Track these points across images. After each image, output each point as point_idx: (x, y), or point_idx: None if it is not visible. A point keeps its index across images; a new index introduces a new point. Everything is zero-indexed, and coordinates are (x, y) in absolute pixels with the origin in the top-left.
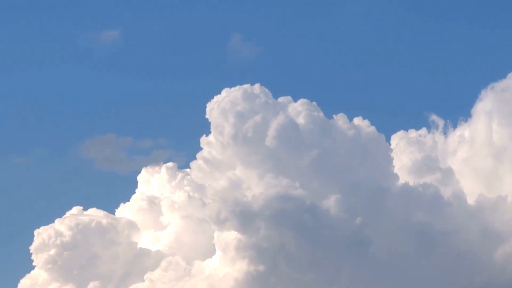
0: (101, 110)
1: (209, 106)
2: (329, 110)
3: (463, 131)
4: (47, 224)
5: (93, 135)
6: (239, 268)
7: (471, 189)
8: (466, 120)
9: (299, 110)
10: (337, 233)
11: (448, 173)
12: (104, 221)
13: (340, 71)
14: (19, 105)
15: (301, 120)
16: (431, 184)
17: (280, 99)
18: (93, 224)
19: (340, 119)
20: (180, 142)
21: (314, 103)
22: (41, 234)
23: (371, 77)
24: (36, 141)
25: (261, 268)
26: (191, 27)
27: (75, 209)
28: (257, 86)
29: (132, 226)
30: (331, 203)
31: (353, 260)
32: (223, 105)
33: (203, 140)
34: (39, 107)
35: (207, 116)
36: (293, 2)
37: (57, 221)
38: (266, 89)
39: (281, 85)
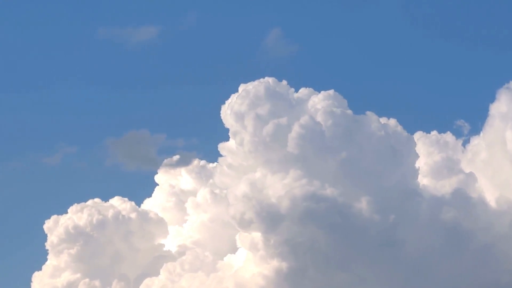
0: (135, 105)
1: (224, 109)
2: (354, 109)
3: (479, 134)
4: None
5: (126, 130)
6: (265, 266)
7: (489, 191)
8: (482, 123)
9: (324, 107)
10: (368, 233)
11: (469, 175)
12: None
13: (370, 73)
14: (53, 101)
15: (328, 120)
16: (458, 185)
17: (298, 94)
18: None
19: (370, 117)
20: (212, 143)
21: (346, 101)
22: (55, 228)
23: (397, 78)
24: (65, 140)
25: (292, 265)
26: (230, 24)
27: (95, 200)
28: (284, 83)
29: (156, 221)
30: (362, 204)
31: (385, 260)
32: (238, 108)
33: (222, 146)
34: (69, 105)
35: (226, 126)
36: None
37: (71, 211)
38: (292, 88)
39: (310, 83)
